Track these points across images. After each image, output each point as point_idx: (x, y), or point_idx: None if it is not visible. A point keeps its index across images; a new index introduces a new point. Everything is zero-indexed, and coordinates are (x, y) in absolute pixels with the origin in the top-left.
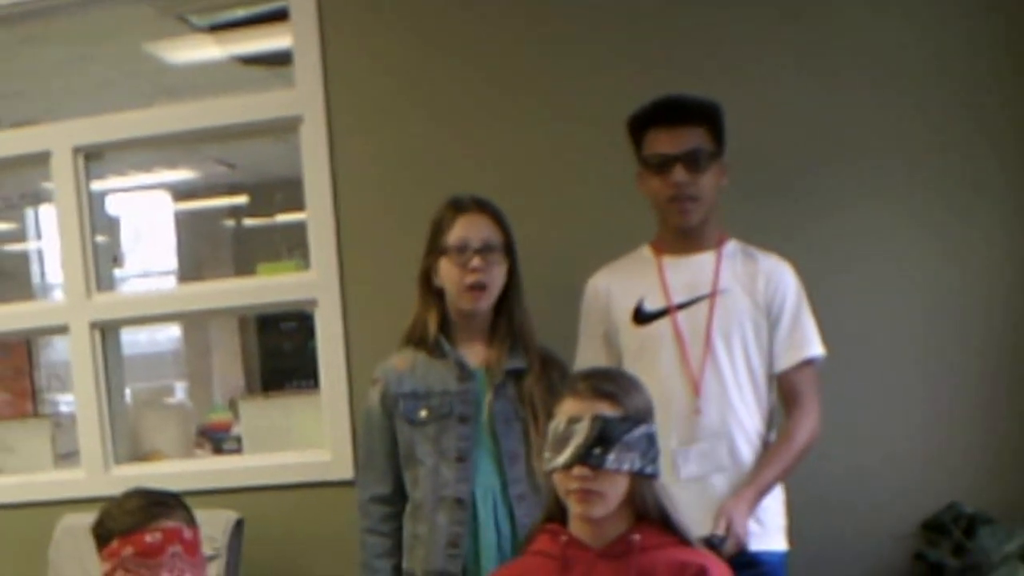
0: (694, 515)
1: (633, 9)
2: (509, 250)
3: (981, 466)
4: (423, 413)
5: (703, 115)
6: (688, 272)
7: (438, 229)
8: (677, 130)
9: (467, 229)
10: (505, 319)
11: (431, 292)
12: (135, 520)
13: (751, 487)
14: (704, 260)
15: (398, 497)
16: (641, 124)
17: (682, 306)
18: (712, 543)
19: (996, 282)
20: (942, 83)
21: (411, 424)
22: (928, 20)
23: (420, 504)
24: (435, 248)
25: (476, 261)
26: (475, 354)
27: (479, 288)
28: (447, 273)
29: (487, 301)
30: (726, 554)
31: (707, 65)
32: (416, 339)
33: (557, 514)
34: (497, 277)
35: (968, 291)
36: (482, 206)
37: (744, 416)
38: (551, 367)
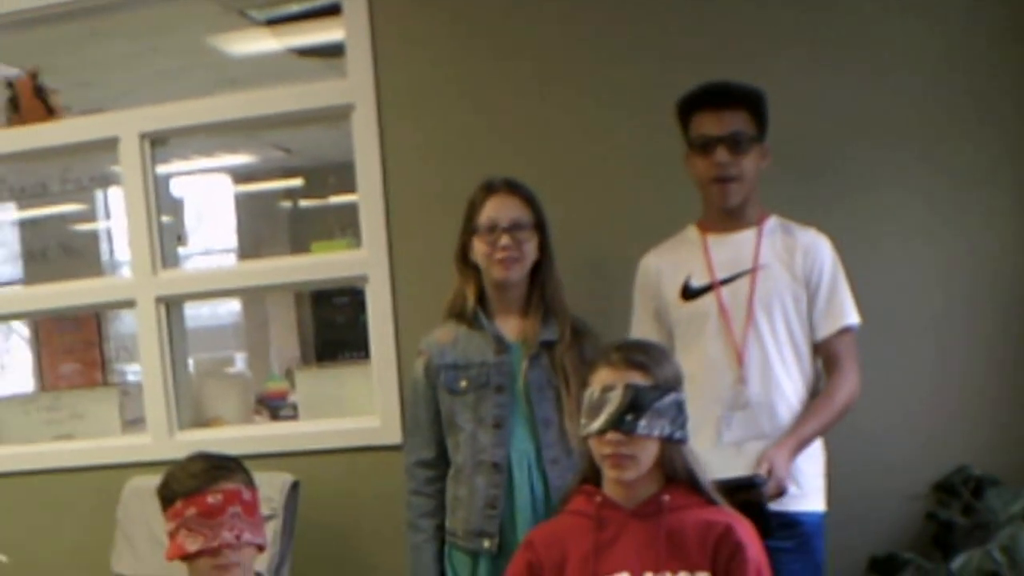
0: (733, 474)
1: (668, 3)
2: (539, 227)
3: (989, 432)
4: (463, 383)
5: (746, 100)
6: (731, 249)
7: (472, 209)
8: (721, 113)
9: (497, 209)
10: (538, 292)
11: (468, 268)
12: (198, 482)
13: (792, 437)
14: (746, 237)
15: (442, 461)
16: (688, 107)
17: (725, 282)
18: (755, 483)
19: (1004, 259)
20: (955, 75)
21: (452, 393)
22: (942, 16)
23: (461, 468)
24: (469, 227)
25: (505, 239)
26: (511, 326)
27: (509, 261)
28: (479, 250)
29: (518, 272)
30: (767, 495)
31: (738, 56)
32: (457, 312)
33: (592, 476)
34: (527, 252)
35: (977, 267)
36: (512, 187)
37: (786, 384)
38: (582, 337)
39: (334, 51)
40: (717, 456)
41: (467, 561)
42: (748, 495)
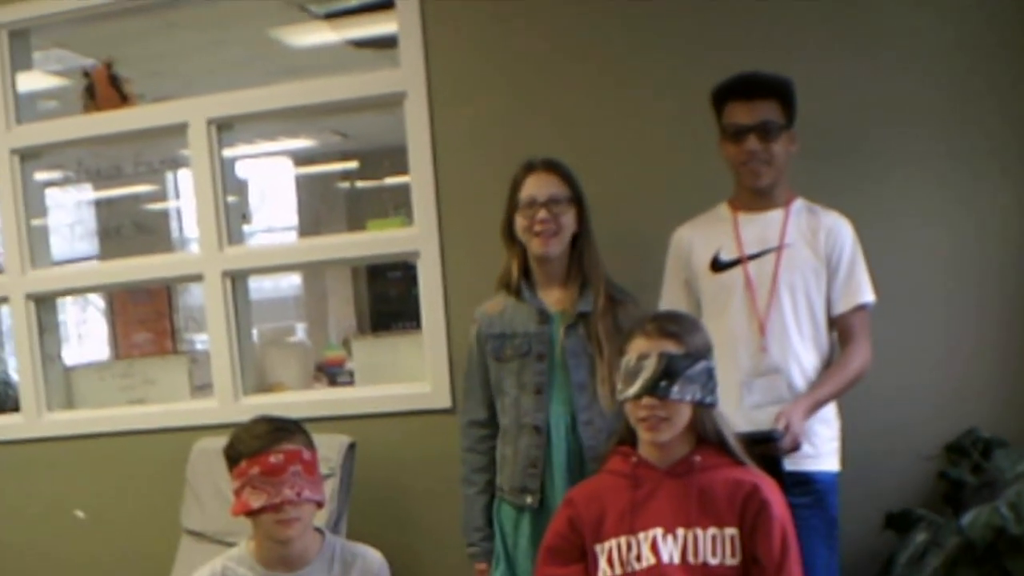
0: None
1: None
2: (576, 201)
3: (997, 396)
4: (507, 351)
5: (776, 90)
6: (759, 227)
7: (514, 187)
8: (752, 103)
9: (535, 186)
10: (576, 264)
11: (513, 242)
12: (261, 443)
13: (808, 397)
14: (774, 217)
15: (492, 422)
16: (722, 96)
17: (753, 257)
18: (773, 437)
19: (1010, 236)
20: (969, 66)
21: (498, 361)
22: (959, 9)
23: (506, 429)
24: (512, 204)
25: (542, 213)
26: (553, 298)
27: (547, 234)
28: (520, 225)
29: (556, 245)
30: (783, 449)
31: (764, 45)
32: (506, 284)
33: (628, 438)
34: (565, 225)
35: (986, 243)
36: (550, 165)
37: (803, 354)
38: (618, 305)
39: (388, 43)
40: (740, 418)
41: (512, 514)
42: (766, 448)
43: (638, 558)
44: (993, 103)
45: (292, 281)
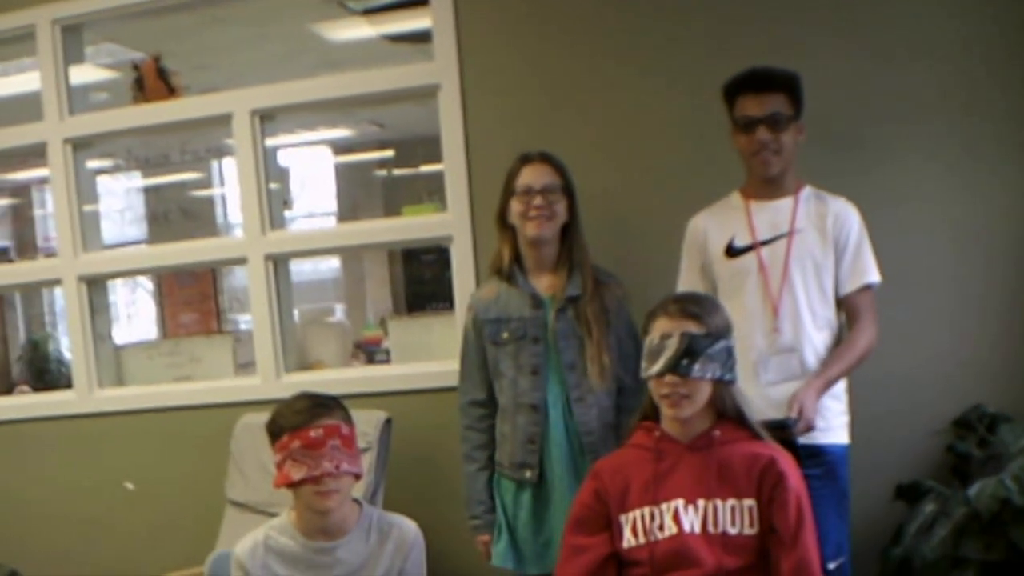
0: (770, 413)
1: None
2: (568, 192)
3: (1002, 374)
4: (504, 335)
5: (784, 83)
6: (771, 214)
7: (510, 176)
8: (762, 96)
9: (532, 176)
10: (566, 251)
11: (506, 228)
12: (302, 419)
13: (819, 379)
14: (784, 204)
15: (491, 401)
16: (733, 90)
17: (765, 243)
18: (787, 424)
19: (1014, 220)
20: (973, 59)
21: (495, 344)
22: (964, 5)
23: (505, 409)
24: (507, 192)
25: (538, 200)
26: (544, 283)
27: (542, 219)
28: (515, 210)
29: (549, 229)
30: (797, 433)
31: (777, 40)
32: (497, 269)
33: (652, 414)
34: (558, 212)
35: (992, 228)
36: (545, 158)
37: (814, 333)
38: (603, 288)
39: (422, 37)
40: (755, 394)
41: (512, 488)
42: (782, 434)
43: (661, 528)
44: (998, 94)
45: (331, 264)
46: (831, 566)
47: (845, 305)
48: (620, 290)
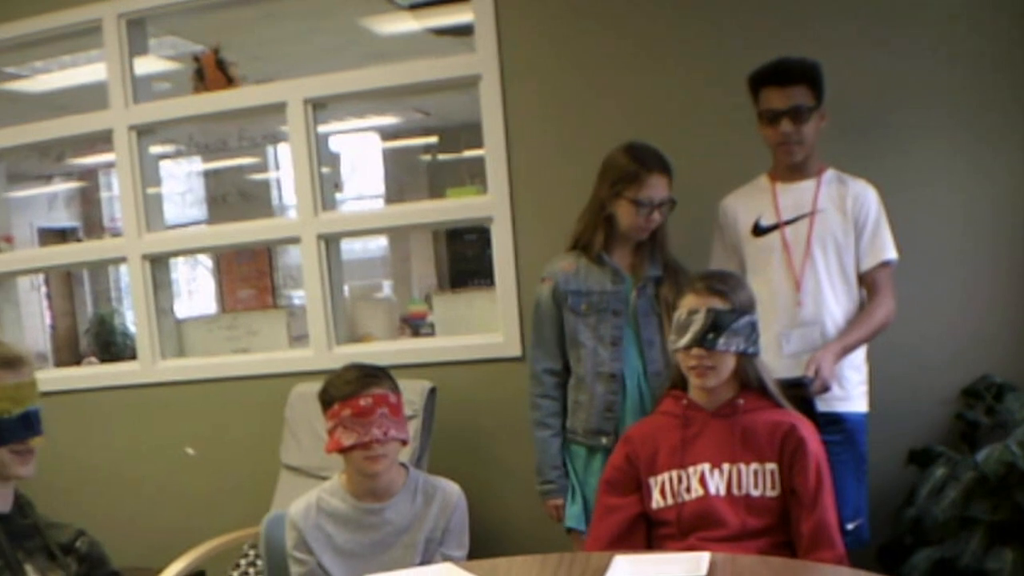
0: (790, 375)
1: None
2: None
3: (1009, 345)
4: (584, 307)
5: (805, 75)
6: (794, 196)
7: (625, 177)
8: (784, 89)
9: (653, 189)
10: (650, 237)
11: (601, 216)
12: (352, 388)
13: (837, 343)
14: (807, 186)
15: (565, 370)
16: (757, 83)
17: (789, 222)
18: (804, 382)
19: (1020, 200)
20: (981, 48)
21: (575, 315)
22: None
23: (582, 377)
24: (618, 191)
25: (656, 215)
26: (625, 261)
27: (650, 228)
28: (626, 214)
29: (649, 232)
30: (813, 392)
31: (799, 32)
32: (581, 246)
33: (680, 383)
34: (659, 219)
35: (998, 206)
36: (664, 168)
37: (834, 307)
38: (679, 273)
39: (464, 30)
40: (779, 365)
41: (583, 454)
42: (799, 391)
43: (688, 490)
44: (1006, 82)
45: (379, 243)
46: (849, 527)
47: (865, 280)
48: (689, 275)
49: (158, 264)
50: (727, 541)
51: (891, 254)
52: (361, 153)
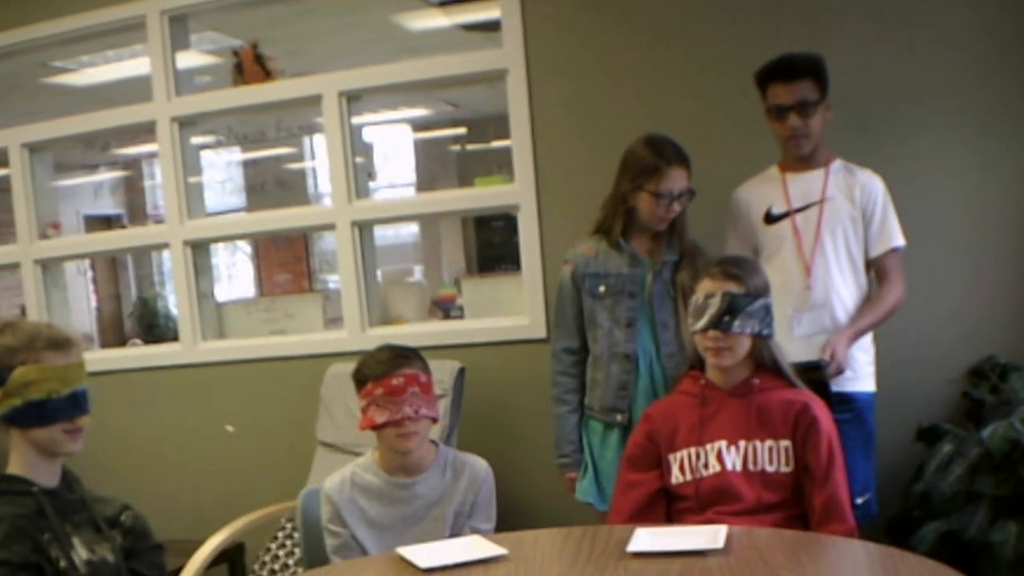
0: (803, 358)
1: None
2: (690, 190)
3: (1012, 328)
4: (602, 289)
5: (809, 69)
6: (804, 185)
7: (645, 170)
8: (790, 84)
9: (673, 182)
10: (670, 225)
11: (622, 208)
12: (384, 368)
13: (850, 328)
14: (816, 176)
15: (583, 349)
16: (763, 79)
17: (799, 210)
18: (820, 365)
19: (1023, 187)
20: (986, 44)
21: (593, 297)
22: None
23: (599, 357)
24: (639, 184)
25: (676, 206)
26: (642, 245)
27: (669, 218)
28: (647, 206)
29: (669, 223)
30: (829, 375)
31: (808, 29)
32: (602, 231)
33: (697, 364)
34: (679, 209)
35: (1003, 195)
36: (683, 160)
37: (843, 292)
38: (696, 257)
39: (492, 26)
40: (791, 346)
41: (600, 429)
42: (815, 374)
43: (706, 466)
44: (1008, 76)
45: (411, 230)
46: (859, 501)
47: (875, 267)
48: (708, 260)
49: (199, 250)
50: (743, 515)
51: (899, 241)
52: (393, 143)
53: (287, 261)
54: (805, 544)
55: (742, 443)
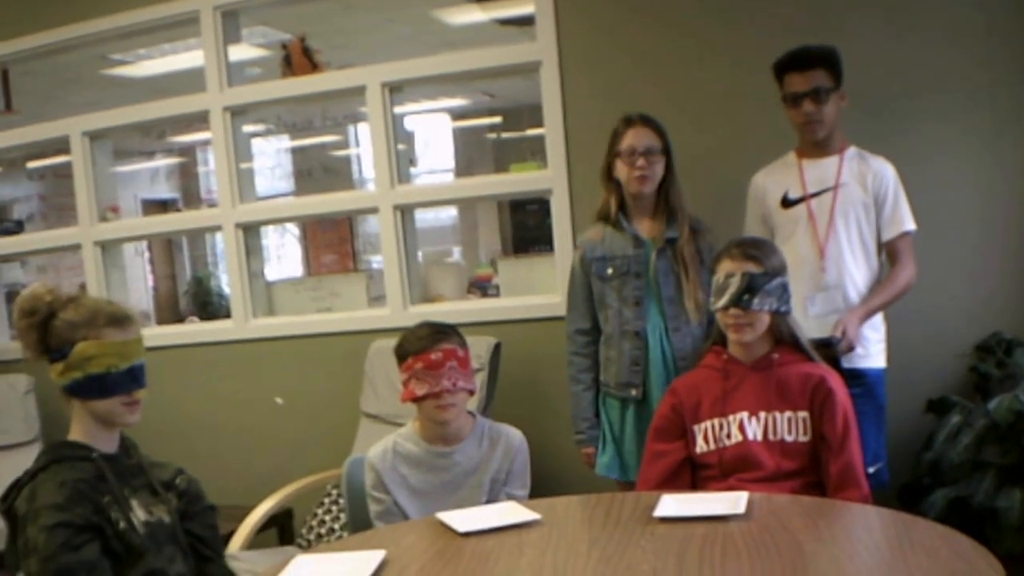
0: (817, 335)
1: None
2: (666, 152)
3: (1017, 305)
4: (609, 271)
5: (823, 59)
6: (819, 170)
7: (614, 137)
8: (805, 73)
9: (635, 138)
10: (663, 199)
11: (611, 182)
12: (424, 344)
13: (862, 307)
14: (831, 162)
15: (595, 330)
16: (780, 69)
17: (814, 195)
18: (832, 342)
19: None
20: (993, 35)
21: (601, 279)
22: None
23: (610, 336)
24: (612, 151)
25: (641, 161)
26: (644, 227)
27: (643, 178)
28: (621, 169)
29: (650, 186)
30: (840, 351)
31: (823, 21)
32: (604, 216)
33: (720, 340)
34: (657, 171)
35: (1008, 182)
36: (646, 120)
37: (855, 273)
38: (698, 234)
39: (526, 21)
40: (805, 325)
41: (617, 406)
42: (827, 351)
43: (728, 436)
44: (1016, 70)
45: (450, 213)
46: (870, 470)
47: (887, 250)
48: (711, 236)
49: (250, 232)
50: (764, 482)
51: (910, 225)
52: (433, 131)
53: (333, 242)
54: (821, 509)
55: (762, 414)
